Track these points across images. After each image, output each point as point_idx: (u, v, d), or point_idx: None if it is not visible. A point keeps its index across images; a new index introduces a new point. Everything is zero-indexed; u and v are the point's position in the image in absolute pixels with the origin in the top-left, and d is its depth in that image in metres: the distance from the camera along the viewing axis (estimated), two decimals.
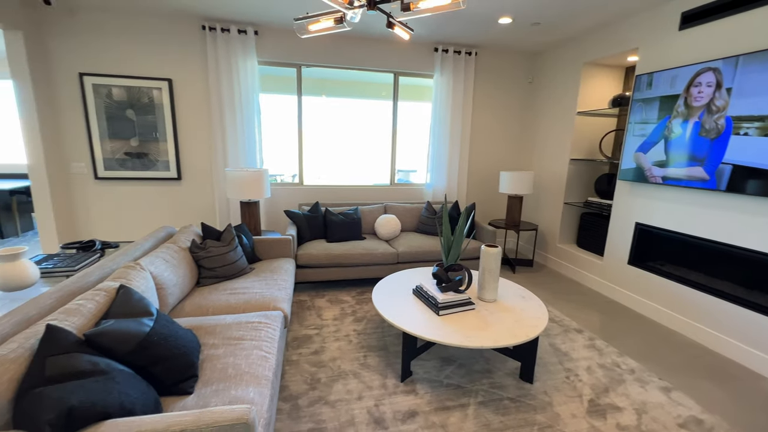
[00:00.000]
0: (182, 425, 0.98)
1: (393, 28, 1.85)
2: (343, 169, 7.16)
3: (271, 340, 1.73)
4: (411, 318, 2.06)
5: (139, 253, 2.14)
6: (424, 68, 4.16)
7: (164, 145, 3.73)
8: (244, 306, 2.09)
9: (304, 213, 3.49)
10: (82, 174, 3.63)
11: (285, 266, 2.72)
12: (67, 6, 3.28)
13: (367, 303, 3.07)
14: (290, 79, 4.02)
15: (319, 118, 4.43)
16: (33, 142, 3.31)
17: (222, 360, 1.53)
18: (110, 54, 3.46)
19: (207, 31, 3.50)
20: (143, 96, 3.59)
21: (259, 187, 3.11)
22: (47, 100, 3.38)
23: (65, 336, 1.16)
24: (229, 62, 3.61)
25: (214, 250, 2.41)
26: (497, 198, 4.76)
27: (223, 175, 3.80)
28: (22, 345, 1.11)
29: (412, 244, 3.41)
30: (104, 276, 1.77)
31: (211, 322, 1.84)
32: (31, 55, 3.20)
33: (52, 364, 1.07)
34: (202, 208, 3.94)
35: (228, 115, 3.68)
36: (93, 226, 3.74)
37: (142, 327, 1.34)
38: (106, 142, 3.61)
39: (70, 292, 1.55)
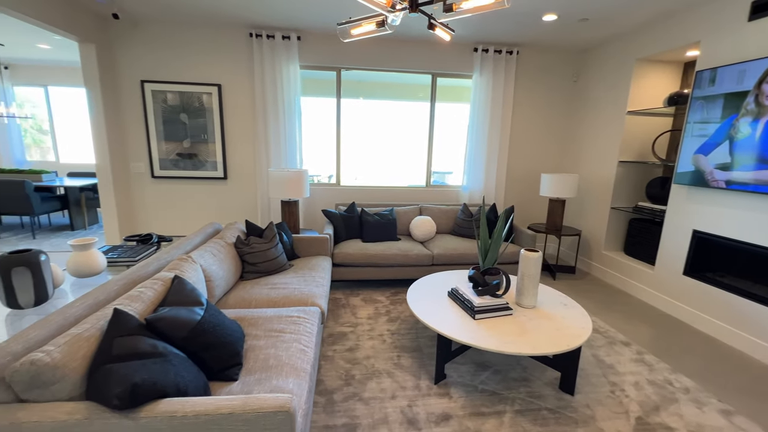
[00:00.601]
0: (230, 408, 1.05)
1: (434, 29, 1.85)
2: (379, 170, 7.22)
3: (309, 334, 1.79)
4: (446, 320, 2.04)
5: (190, 247, 2.29)
6: (463, 69, 4.10)
7: (213, 146, 3.96)
8: (284, 300, 2.17)
9: (340, 213, 3.56)
10: (141, 173, 3.95)
11: (322, 264, 2.79)
12: (132, 20, 3.58)
13: (401, 304, 3.08)
14: (329, 82, 4.12)
15: (356, 120, 4.50)
16: (100, 144, 3.64)
17: (264, 351, 1.61)
18: (167, 62, 3.74)
19: (254, 38, 3.68)
20: (195, 100, 3.85)
21: (299, 186, 3.22)
22: (113, 106, 3.71)
23: (129, 320, 1.27)
24: (273, 67, 3.77)
25: (256, 246, 2.53)
26: (537, 201, 4.59)
27: (266, 175, 3.98)
28: (94, 326, 1.23)
29: (447, 246, 3.38)
30: (161, 267, 1.92)
31: (254, 314, 1.93)
32: (101, 65, 3.53)
33: (119, 344, 1.17)
34: (246, 206, 4.14)
35: (271, 118, 3.85)
36: (149, 220, 4.05)
37: (194, 315, 1.44)
38: (162, 143, 3.90)
39: (131, 281, 1.69)
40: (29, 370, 1.02)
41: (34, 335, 1.18)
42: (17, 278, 1.40)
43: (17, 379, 1.02)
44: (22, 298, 1.42)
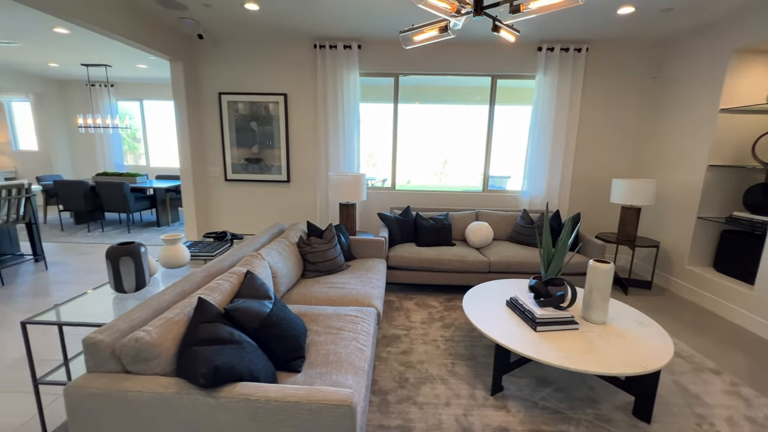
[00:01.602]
0: (297, 397, 1.12)
1: (499, 31, 1.81)
2: (434, 174, 7.17)
3: (366, 334, 1.83)
4: (504, 330, 1.97)
5: (259, 245, 2.47)
6: (525, 69, 3.94)
7: (278, 151, 4.25)
8: (342, 300, 2.25)
9: (395, 216, 3.61)
10: (216, 176, 4.35)
11: (378, 266, 2.85)
12: (213, 39, 3.98)
13: (455, 310, 3.02)
14: (387, 88, 4.20)
15: (413, 125, 4.53)
16: (184, 150, 4.09)
17: (324, 346, 1.68)
18: (241, 75, 4.09)
19: (318, 49, 3.89)
20: (263, 109, 4.16)
21: (357, 190, 3.32)
22: (195, 116, 4.15)
23: (211, 308, 1.41)
24: (335, 75, 3.94)
25: (317, 246, 2.66)
26: (607, 209, 4.23)
27: (325, 179, 4.16)
28: (183, 311, 1.39)
29: (505, 254, 3.25)
30: (235, 262, 2.10)
31: (315, 311, 2.03)
32: (187, 80, 3.97)
33: (203, 329, 1.31)
34: (306, 207, 4.36)
35: (331, 124, 4.02)
36: (221, 219, 4.45)
37: (264, 308, 1.56)
38: (234, 149, 4.27)
39: (211, 273, 1.87)
40: (134, 346, 1.18)
41: (136, 316, 1.37)
42: (123, 266, 1.62)
43: (125, 352, 1.19)
44: (126, 284, 1.65)
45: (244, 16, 3.31)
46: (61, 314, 1.55)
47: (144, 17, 3.25)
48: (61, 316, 1.53)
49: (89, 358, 1.22)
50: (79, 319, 1.52)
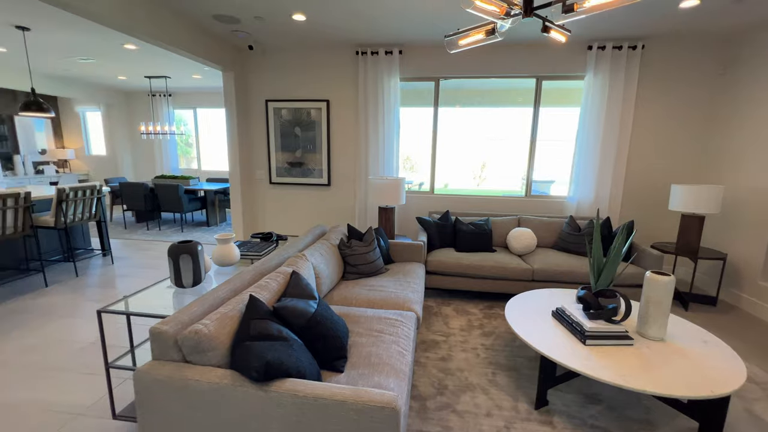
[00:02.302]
0: (343, 397, 1.14)
1: (548, 32, 1.76)
2: (472, 178, 7.05)
3: (406, 338, 1.84)
4: (551, 342, 1.89)
5: (302, 246, 2.56)
6: (573, 69, 3.78)
7: (319, 156, 4.38)
8: (382, 303, 2.27)
9: (434, 221, 3.58)
10: (262, 179, 4.56)
11: (416, 270, 2.84)
12: (262, 49, 4.20)
13: (496, 318, 2.94)
14: (425, 92, 4.20)
15: (451, 128, 4.48)
16: (233, 155, 4.33)
17: (366, 348, 1.70)
18: (286, 83, 4.28)
19: (359, 55, 3.97)
20: (306, 115, 4.31)
21: (396, 194, 3.34)
22: (244, 123, 4.38)
23: (261, 306, 1.49)
24: (376, 81, 4.01)
25: (357, 249, 2.70)
26: (664, 216, 3.93)
27: (365, 182, 4.23)
28: (235, 307, 1.47)
29: (549, 262, 3.12)
30: (281, 262, 2.19)
31: (356, 312, 2.07)
32: (237, 89, 4.21)
33: (255, 326, 1.38)
34: (345, 210, 4.45)
35: (371, 129, 4.08)
36: (265, 220, 4.66)
37: (310, 308, 1.61)
38: (279, 153, 4.46)
39: (259, 272, 1.97)
40: (194, 338, 1.27)
41: (195, 310, 1.47)
42: (183, 263, 1.75)
43: (186, 343, 1.28)
44: (185, 280, 1.78)
45: (291, 27, 3.46)
46: (129, 305, 1.69)
47: (202, 32, 3.50)
48: (129, 307, 1.68)
49: (155, 346, 1.32)
50: (144, 310, 1.66)
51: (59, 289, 3.42)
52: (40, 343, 2.49)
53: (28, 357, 2.32)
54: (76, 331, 2.66)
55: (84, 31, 3.76)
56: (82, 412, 1.85)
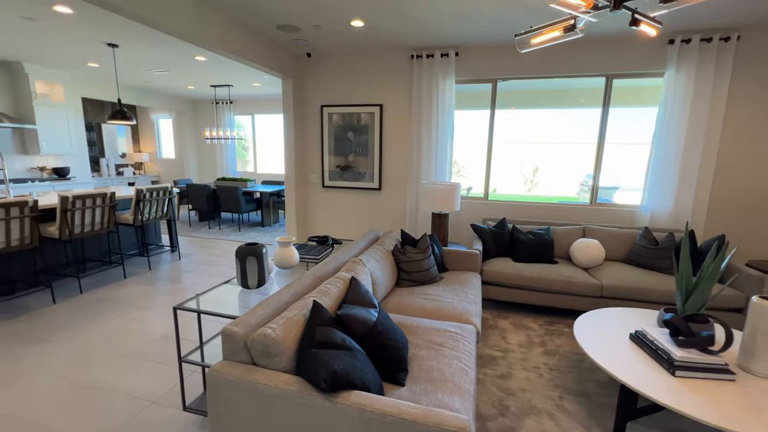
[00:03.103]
0: (413, 416, 1.09)
1: (638, 25, 1.58)
2: (523, 182, 6.71)
3: (468, 353, 1.74)
4: (631, 370, 1.69)
5: (357, 251, 2.55)
6: (650, 66, 3.43)
7: (371, 160, 4.39)
8: (439, 313, 2.19)
9: (489, 228, 3.43)
10: (315, 183, 4.68)
11: (472, 280, 2.72)
12: (319, 56, 4.32)
13: (559, 336, 2.73)
14: (479, 94, 4.06)
15: (504, 130, 4.28)
16: (289, 159, 4.49)
17: (426, 362, 1.64)
18: (341, 88, 4.35)
19: (414, 59, 3.93)
20: (360, 120, 4.35)
21: (450, 200, 3.24)
22: (300, 128, 4.52)
23: (324, 312, 1.48)
24: (430, 84, 3.94)
25: (412, 255, 2.65)
26: (759, 230, 3.43)
27: (416, 187, 4.17)
28: (300, 312, 1.48)
29: (621, 278, 2.84)
30: (338, 267, 2.19)
31: (413, 322, 2.01)
32: (295, 95, 4.36)
33: (319, 332, 1.37)
34: (395, 215, 4.42)
35: (425, 133, 4.02)
36: (317, 223, 4.76)
37: (371, 316, 1.58)
38: (332, 157, 4.54)
39: (318, 277, 1.98)
40: (263, 341, 1.29)
41: (261, 312, 1.50)
42: (249, 265, 1.81)
43: (254, 346, 1.30)
44: (251, 281, 1.83)
45: (348, 34, 3.51)
46: (200, 303, 1.78)
47: (265, 42, 3.67)
48: (200, 305, 1.76)
49: (226, 346, 1.36)
50: (213, 309, 1.73)
51: (135, 281, 3.74)
52: (120, 330, 2.72)
53: (111, 343, 2.55)
54: (151, 322, 2.87)
55: (163, 46, 4.10)
56: (155, 401, 1.98)
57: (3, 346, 2.48)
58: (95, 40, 3.95)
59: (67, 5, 3.00)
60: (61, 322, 2.84)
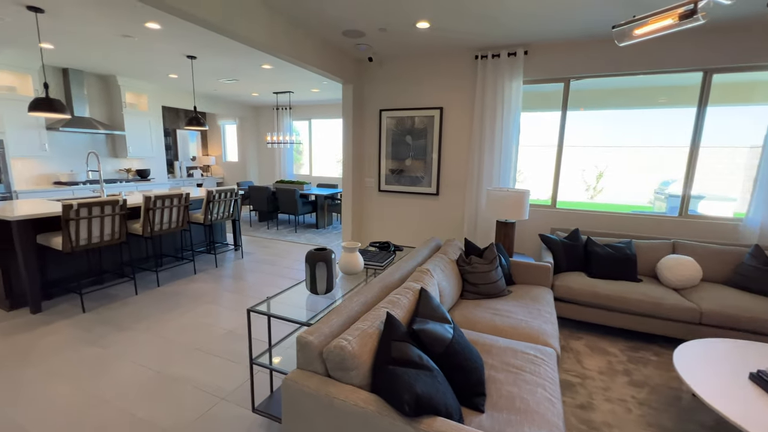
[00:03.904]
0: None
1: None
2: (585, 189, 6.26)
3: (552, 382, 1.57)
4: (758, 419, 1.41)
5: (420, 259, 2.46)
6: (762, 58, 2.95)
7: (428, 164, 4.29)
8: (512, 331, 2.02)
9: (560, 239, 3.16)
10: (371, 187, 4.67)
11: (545, 296, 2.50)
12: (379, 60, 4.31)
13: (646, 364, 2.41)
14: (551, 94, 3.78)
15: (568, 133, 3.95)
16: (347, 162, 4.52)
17: (506, 387, 1.49)
18: (400, 92, 4.30)
19: (479, 59, 3.77)
20: (419, 123, 4.26)
21: (519, 208, 3.04)
22: (359, 132, 4.55)
23: (399, 325, 1.40)
24: (495, 85, 3.75)
25: (478, 266, 2.50)
26: None
27: (475, 193, 3.98)
28: (373, 324, 1.42)
29: (726, 303, 2.45)
30: (403, 276, 2.11)
31: (485, 340, 1.87)
32: (355, 100, 4.39)
33: (395, 348, 1.30)
34: (453, 221, 4.27)
35: (487, 136, 3.83)
36: (372, 228, 4.75)
37: (447, 333, 1.48)
38: (389, 161, 4.51)
39: (385, 285, 1.91)
40: (339, 353, 1.24)
41: (334, 321, 1.45)
42: (318, 270, 1.79)
43: (330, 358, 1.26)
44: (320, 287, 1.82)
45: (413, 36, 3.45)
46: (271, 306, 1.79)
47: (328, 48, 3.73)
48: (271, 308, 1.78)
49: (301, 355, 1.33)
50: (282, 312, 1.73)
51: (204, 277, 3.97)
52: (191, 324, 2.88)
53: (183, 336, 2.70)
54: (218, 317, 3.01)
55: (234, 56, 4.35)
56: (224, 397, 2.04)
57: (96, 332, 2.73)
58: (177, 53, 4.29)
59: (157, 22, 3.27)
60: (143, 312, 3.07)
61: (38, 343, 2.56)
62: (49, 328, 2.76)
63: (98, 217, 3.11)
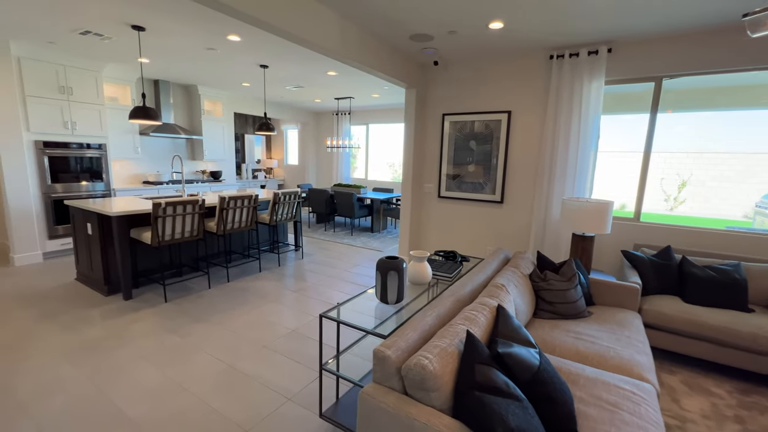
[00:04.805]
0: None
1: None
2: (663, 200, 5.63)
3: (657, 426, 1.36)
4: None
5: (490, 272, 2.32)
6: None
7: (493, 170, 4.09)
8: (599, 360, 1.81)
9: (648, 257, 2.81)
10: (430, 193, 4.58)
11: (633, 321, 2.23)
12: (444, 64, 4.22)
13: (763, 412, 2.04)
14: (635, 95, 3.42)
15: (657, 138, 3.52)
16: (407, 167, 4.48)
17: (601, 426, 1.32)
18: (465, 96, 4.17)
19: (554, 59, 3.52)
20: (484, 128, 4.09)
21: (601, 221, 2.76)
22: (420, 137, 4.49)
23: (481, 347, 1.30)
24: (572, 86, 3.47)
25: (555, 283, 2.29)
26: None
27: (545, 202, 3.72)
28: (452, 343, 1.33)
29: None
30: (474, 290, 2.00)
31: (569, 367, 1.69)
32: (417, 104, 4.34)
33: (479, 372, 1.20)
34: (518, 232, 4.02)
35: (561, 141, 3.56)
36: (429, 235, 4.65)
37: (534, 358, 1.34)
38: (450, 167, 4.38)
39: (458, 299, 1.81)
40: (420, 372, 1.17)
41: (410, 335, 1.39)
42: (390, 280, 1.75)
43: (410, 376, 1.19)
44: (390, 296, 1.78)
45: (483, 38, 3.31)
46: (341, 312, 1.78)
47: (394, 53, 3.72)
48: (341, 314, 1.76)
49: (378, 369, 1.29)
50: (351, 319, 1.71)
51: (267, 276, 4.15)
52: (258, 321, 3.00)
53: (251, 332, 2.81)
54: (281, 316, 3.11)
55: (303, 64, 4.53)
56: (291, 398, 2.07)
57: (176, 322, 2.95)
58: (252, 63, 4.57)
59: (237, 34, 3.50)
60: (216, 306, 3.27)
61: (129, 327, 2.83)
62: (138, 315, 3.04)
63: (181, 215, 3.38)
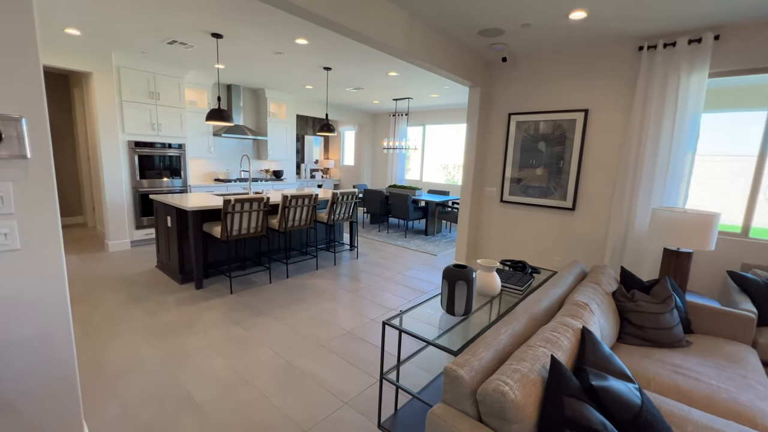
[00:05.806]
0: None
1: None
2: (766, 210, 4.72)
3: None
4: None
5: (566, 287, 2.09)
6: None
7: (565, 175, 3.76)
8: (707, 402, 1.53)
9: (765, 281, 2.36)
10: (492, 197, 4.34)
11: (746, 357, 1.86)
12: (512, 60, 3.97)
13: None
14: (738, 89, 2.91)
15: (740, 140, 2.96)
16: (468, 170, 4.29)
17: None
18: (533, 94, 3.88)
19: (644, 50, 3.13)
20: (556, 128, 3.77)
21: (703, 235, 2.37)
22: (483, 137, 4.28)
23: (569, 376, 1.13)
24: (666, 81, 3.06)
25: (645, 305, 2.00)
26: None
27: (626, 210, 3.32)
28: (533, 368, 1.18)
29: None
30: (549, 307, 1.80)
31: (671, 408, 1.43)
32: (482, 104, 4.14)
33: (569, 406, 1.04)
34: (591, 243, 3.65)
35: (650, 143, 3.15)
36: (490, 241, 4.41)
37: (634, 396, 1.15)
38: (515, 170, 4.11)
39: (532, 316, 1.64)
40: (499, 400, 1.04)
41: (483, 354, 1.27)
42: (458, 289, 1.63)
43: (487, 402, 1.07)
44: (457, 307, 1.66)
45: (560, 30, 3.04)
46: (403, 321, 1.70)
47: (460, 50, 3.57)
48: (403, 323, 1.68)
49: (449, 389, 1.18)
50: (414, 328, 1.62)
51: (324, 274, 4.22)
52: (315, 319, 3.04)
53: (308, 329, 2.85)
54: (338, 316, 3.12)
55: (365, 65, 4.55)
56: (347, 402, 2.04)
57: (240, 313, 3.09)
58: (316, 66, 4.69)
59: (305, 38, 3.59)
60: (276, 300, 3.38)
61: (200, 315, 3.02)
62: (207, 304, 3.24)
63: (248, 212, 3.55)
